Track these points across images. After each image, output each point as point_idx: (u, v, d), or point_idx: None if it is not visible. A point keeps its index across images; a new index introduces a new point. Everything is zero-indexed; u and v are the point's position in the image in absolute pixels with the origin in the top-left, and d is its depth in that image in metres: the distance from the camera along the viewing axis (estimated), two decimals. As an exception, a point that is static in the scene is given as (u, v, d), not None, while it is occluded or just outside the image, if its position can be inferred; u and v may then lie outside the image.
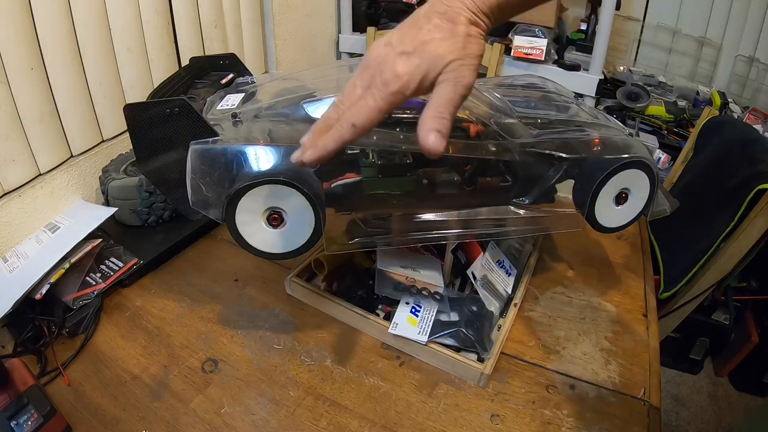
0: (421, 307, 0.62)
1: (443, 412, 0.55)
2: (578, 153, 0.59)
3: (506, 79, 0.77)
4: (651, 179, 0.60)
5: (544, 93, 0.70)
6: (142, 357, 0.61)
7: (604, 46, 1.26)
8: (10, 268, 0.68)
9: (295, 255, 0.53)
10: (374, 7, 1.55)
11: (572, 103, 0.67)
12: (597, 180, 0.58)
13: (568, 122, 0.62)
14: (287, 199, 0.50)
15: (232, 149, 0.49)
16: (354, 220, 0.57)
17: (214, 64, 0.72)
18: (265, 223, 0.51)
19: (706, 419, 1.35)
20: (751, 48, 1.51)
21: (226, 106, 0.57)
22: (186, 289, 0.72)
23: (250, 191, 0.49)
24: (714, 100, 1.44)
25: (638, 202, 0.62)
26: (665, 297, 1.13)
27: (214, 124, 0.52)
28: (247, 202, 0.49)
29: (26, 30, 0.71)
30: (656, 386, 0.58)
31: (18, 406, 0.49)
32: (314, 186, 0.50)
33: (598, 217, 0.61)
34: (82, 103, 0.83)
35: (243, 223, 0.51)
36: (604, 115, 0.67)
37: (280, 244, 0.52)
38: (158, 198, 0.81)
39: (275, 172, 0.49)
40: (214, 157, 0.49)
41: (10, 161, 0.73)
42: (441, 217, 0.58)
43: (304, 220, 0.51)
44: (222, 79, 0.68)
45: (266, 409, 0.55)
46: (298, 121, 0.53)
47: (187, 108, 0.49)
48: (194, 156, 0.49)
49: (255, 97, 0.59)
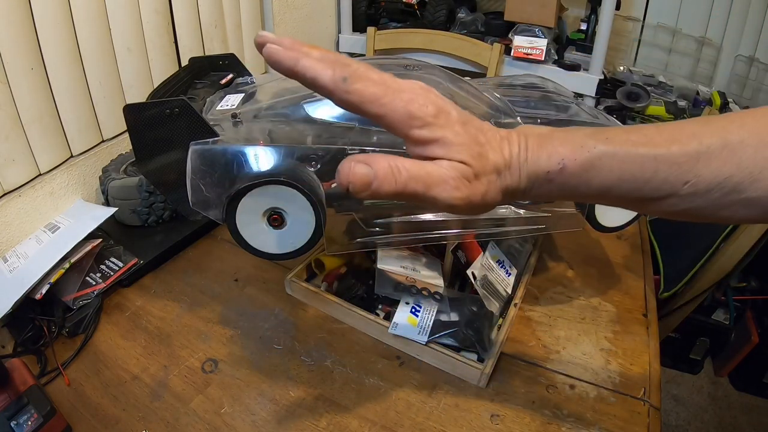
0: (421, 307, 0.62)
1: (443, 412, 0.55)
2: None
3: (506, 79, 0.77)
4: None
5: (544, 93, 0.69)
6: (142, 357, 0.61)
7: (604, 46, 1.26)
8: (10, 268, 0.68)
9: (295, 255, 0.53)
10: (374, 7, 1.54)
11: (572, 103, 0.67)
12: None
13: (568, 122, 0.61)
14: (288, 200, 0.50)
15: (232, 149, 0.49)
16: (354, 220, 0.57)
17: (214, 64, 0.71)
18: (266, 224, 0.51)
19: (706, 419, 1.35)
20: (751, 48, 1.50)
21: (225, 106, 0.57)
22: (186, 289, 0.72)
23: (250, 192, 0.49)
24: (714, 100, 1.44)
25: None
26: (665, 297, 1.13)
27: (214, 125, 0.52)
28: (247, 203, 0.49)
29: (26, 30, 0.71)
30: (656, 386, 0.58)
31: (18, 406, 0.49)
32: (315, 186, 0.49)
33: (598, 217, 0.61)
34: (82, 103, 0.83)
35: (243, 223, 0.51)
36: (604, 115, 0.67)
37: (281, 244, 0.52)
38: (158, 198, 0.81)
39: (276, 173, 0.48)
40: (214, 157, 0.49)
41: (10, 161, 0.73)
42: (440, 217, 0.58)
43: (304, 221, 0.51)
44: (221, 80, 0.67)
45: (266, 409, 0.55)
46: (298, 121, 0.53)
47: (186, 108, 0.49)
48: (194, 156, 0.49)
49: (255, 98, 0.59)
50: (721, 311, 1.34)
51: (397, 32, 1.43)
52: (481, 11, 1.52)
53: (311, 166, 0.49)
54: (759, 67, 1.49)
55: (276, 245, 0.52)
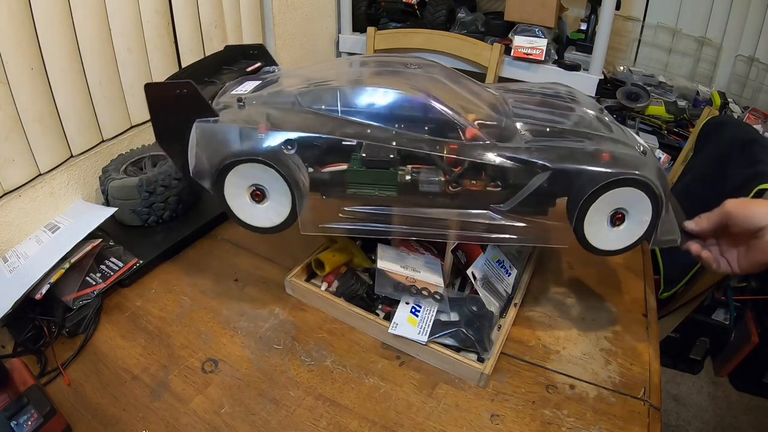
0: (421, 307, 0.62)
1: (443, 412, 0.55)
2: (566, 163, 0.55)
3: (531, 86, 0.74)
4: (653, 202, 0.55)
5: (561, 101, 0.66)
6: (142, 357, 0.61)
7: (604, 46, 1.26)
8: (10, 268, 0.68)
9: (274, 231, 0.58)
10: (374, 7, 1.54)
11: (590, 114, 0.64)
12: (584, 195, 0.54)
13: (574, 132, 0.59)
14: (267, 179, 0.55)
15: (226, 129, 0.55)
16: (336, 206, 0.59)
17: (246, 53, 0.77)
18: (249, 198, 0.57)
19: (706, 419, 1.35)
20: (751, 48, 1.50)
21: (239, 91, 0.63)
22: (186, 289, 0.72)
23: (235, 167, 0.55)
24: (714, 100, 1.44)
25: (637, 227, 0.57)
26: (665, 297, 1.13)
27: (224, 107, 0.58)
28: (233, 178, 0.56)
29: (26, 30, 0.71)
30: (656, 386, 0.58)
31: (18, 406, 0.49)
32: (292, 169, 0.54)
33: (588, 237, 0.57)
34: (82, 103, 0.83)
35: (230, 195, 0.57)
36: (623, 129, 0.63)
37: (262, 218, 0.58)
38: (158, 198, 0.81)
39: (256, 152, 0.54)
40: (212, 134, 0.55)
41: (10, 161, 0.73)
42: (419, 214, 0.59)
43: (282, 200, 0.56)
44: (249, 67, 0.73)
45: (266, 409, 0.55)
46: (291, 109, 0.58)
47: (192, 90, 0.55)
48: (196, 132, 0.55)
49: (269, 85, 0.63)
50: (721, 311, 1.34)
51: (397, 32, 1.43)
52: (481, 11, 1.52)
53: (287, 150, 0.54)
54: (759, 67, 1.49)
55: (258, 219, 0.58)
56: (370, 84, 0.60)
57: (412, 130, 0.56)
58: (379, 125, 0.56)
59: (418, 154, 0.56)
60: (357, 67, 0.77)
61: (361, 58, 0.66)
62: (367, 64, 0.78)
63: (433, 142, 0.56)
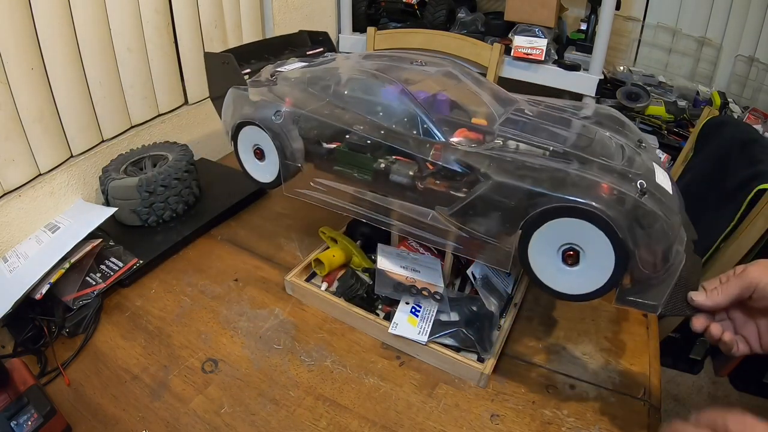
0: (421, 307, 0.62)
1: (443, 412, 0.55)
2: (509, 177, 0.48)
3: (569, 104, 0.65)
4: (615, 246, 0.43)
5: (577, 119, 0.59)
6: (142, 357, 0.61)
7: (604, 46, 1.26)
8: (10, 268, 0.68)
9: (269, 187, 0.69)
10: (374, 7, 1.54)
11: (619, 142, 0.54)
12: (526, 215, 0.47)
13: (567, 154, 0.50)
14: (262, 141, 0.66)
15: (244, 97, 0.67)
16: (314, 177, 0.65)
17: (314, 38, 0.89)
18: (252, 155, 0.68)
19: (706, 419, 1.35)
20: (751, 48, 1.50)
21: (283, 69, 0.72)
22: (186, 289, 0.72)
23: (243, 128, 0.66)
24: (714, 100, 1.44)
25: (597, 272, 0.46)
26: (665, 297, 1.13)
27: (265, 80, 0.68)
28: (242, 136, 0.68)
29: (26, 30, 0.71)
30: (656, 386, 0.58)
31: (18, 406, 0.49)
32: (282, 137, 0.63)
33: (535, 269, 0.49)
34: (82, 103, 0.83)
35: (241, 150, 0.70)
36: (664, 174, 0.51)
37: (260, 174, 0.69)
38: (158, 198, 0.81)
39: (255, 118, 0.64)
40: (237, 99, 0.68)
41: (10, 161, 0.73)
42: (382, 202, 0.60)
43: (274, 161, 0.66)
44: (311, 51, 0.85)
45: (266, 409, 0.55)
46: (306, 90, 0.65)
47: (231, 62, 0.67)
48: (230, 96, 0.68)
49: (310, 69, 0.71)
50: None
51: (397, 32, 1.43)
52: (481, 11, 1.52)
53: (276, 118, 0.63)
54: (759, 67, 1.49)
55: (258, 174, 0.70)
56: (378, 78, 0.62)
57: (403, 126, 0.57)
58: (376, 120, 0.58)
59: (390, 146, 0.56)
60: (385, 61, 0.71)
61: (410, 54, 0.71)
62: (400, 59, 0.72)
63: (417, 140, 0.55)
